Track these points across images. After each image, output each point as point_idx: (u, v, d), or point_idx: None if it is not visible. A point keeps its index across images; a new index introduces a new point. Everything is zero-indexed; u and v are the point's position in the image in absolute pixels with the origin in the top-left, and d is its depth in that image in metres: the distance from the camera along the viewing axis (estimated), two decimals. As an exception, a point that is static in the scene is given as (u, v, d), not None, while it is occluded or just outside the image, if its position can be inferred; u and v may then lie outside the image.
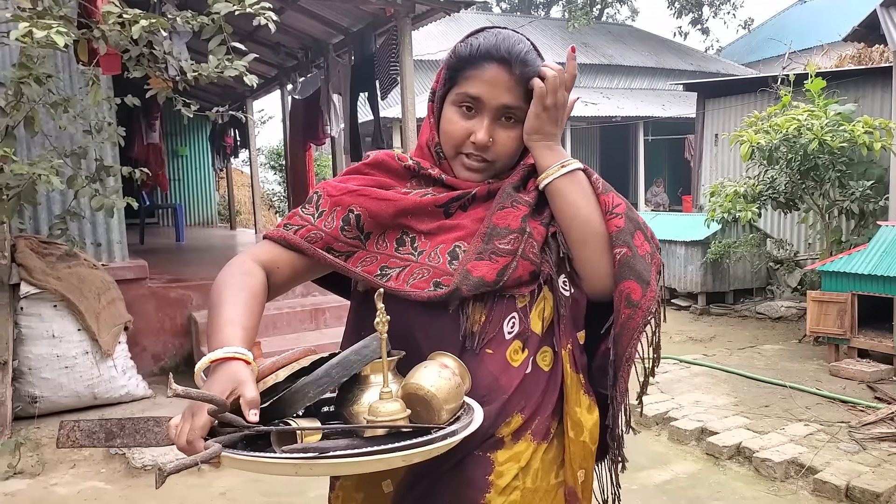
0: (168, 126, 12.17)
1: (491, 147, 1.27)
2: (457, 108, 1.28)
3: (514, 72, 1.24)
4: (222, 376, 1.04)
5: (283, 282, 1.33)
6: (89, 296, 4.76)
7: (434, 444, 1.00)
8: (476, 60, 1.26)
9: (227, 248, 9.79)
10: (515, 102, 1.26)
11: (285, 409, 1.06)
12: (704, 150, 10.57)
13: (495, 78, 1.25)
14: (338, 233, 1.28)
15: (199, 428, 0.99)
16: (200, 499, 3.66)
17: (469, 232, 1.27)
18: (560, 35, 21.41)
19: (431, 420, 1.06)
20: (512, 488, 1.22)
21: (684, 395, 4.90)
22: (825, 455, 3.76)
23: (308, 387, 1.05)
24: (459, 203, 1.30)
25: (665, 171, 19.88)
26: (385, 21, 6.81)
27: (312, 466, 0.94)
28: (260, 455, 0.96)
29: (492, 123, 1.26)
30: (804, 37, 17.24)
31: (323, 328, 6.03)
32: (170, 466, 0.89)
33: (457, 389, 1.09)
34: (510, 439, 1.23)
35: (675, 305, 8.46)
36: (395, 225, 1.28)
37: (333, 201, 1.30)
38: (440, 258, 1.25)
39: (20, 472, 3.97)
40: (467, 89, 1.26)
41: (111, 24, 3.40)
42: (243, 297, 1.21)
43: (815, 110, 6.16)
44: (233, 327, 1.15)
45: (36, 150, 4.77)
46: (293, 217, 1.33)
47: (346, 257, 1.28)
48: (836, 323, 5.44)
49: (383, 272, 1.25)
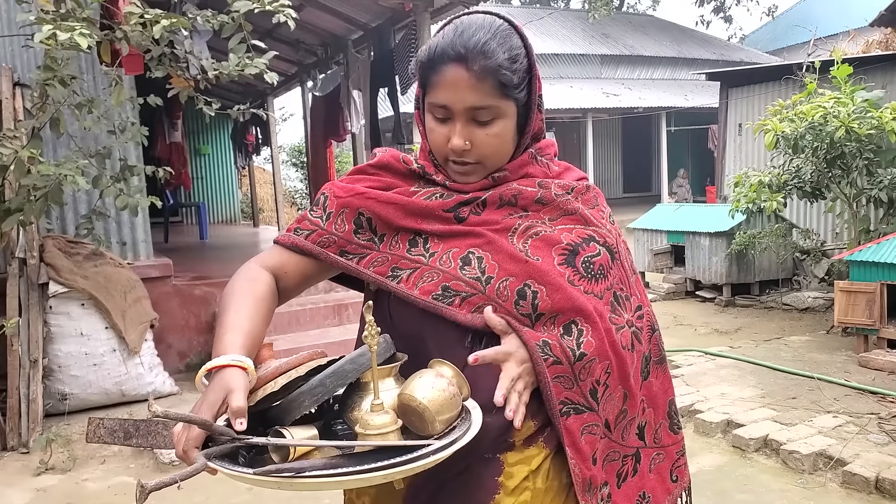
0: (190, 125, 12.29)
1: (471, 150, 1.23)
2: (433, 117, 1.24)
3: (472, 68, 1.17)
4: (216, 385, 1.07)
5: (293, 286, 1.33)
6: (116, 294, 4.83)
7: (417, 462, 1.00)
8: (435, 65, 1.20)
9: (251, 245, 9.87)
10: (482, 101, 1.19)
11: (282, 417, 1.08)
12: (728, 139, 10.46)
13: (455, 80, 1.18)
14: (351, 236, 1.28)
15: (192, 439, 1.02)
16: (226, 494, 3.70)
17: (486, 240, 1.23)
18: (580, 26, 21.27)
19: (425, 430, 1.05)
20: (522, 489, 1.20)
21: (710, 387, 4.86)
22: (854, 447, 3.71)
23: (303, 396, 1.07)
24: (470, 208, 1.27)
25: (688, 162, 19.71)
26: (404, 16, 6.81)
27: (293, 484, 0.97)
28: (240, 470, 0.98)
29: (465, 127, 1.21)
30: (830, 23, 16.98)
31: (346, 323, 6.06)
32: (151, 484, 0.94)
33: (452, 400, 1.07)
34: (521, 444, 1.21)
35: (700, 297, 8.38)
36: (406, 227, 1.27)
37: (341, 203, 1.29)
38: (452, 262, 1.22)
39: (52, 467, 4.04)
40: (434, 98, 1.22)
41: (133, 25, 3.44)
42: (246, 302, 1.22)
43: (841, 97, 6.06)
44: (232, 334, 1.16)
45: (61, 150, 4.84)
46: (302, 221, 1.32)
47: (358, 259, 1.27)
48: (864, 313, 5.36)
49: (394, 273, 1.24)
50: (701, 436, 4.21)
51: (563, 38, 20.36)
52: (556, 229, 1.26)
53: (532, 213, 1.28)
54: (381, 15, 7.15)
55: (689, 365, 5.45)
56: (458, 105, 1.19)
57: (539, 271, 1.20)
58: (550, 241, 1.24)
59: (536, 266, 1.21)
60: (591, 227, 1.29)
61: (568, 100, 17.16)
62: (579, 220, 1.29)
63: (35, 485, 3.88)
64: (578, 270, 1.23)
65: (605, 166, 20.62)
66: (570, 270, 1.22)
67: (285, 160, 19.85)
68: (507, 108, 1.22)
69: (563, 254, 1.23)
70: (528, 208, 1.28)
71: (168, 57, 3.80)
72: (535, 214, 1.28)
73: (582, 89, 18.41)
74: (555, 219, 1.28)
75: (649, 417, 1.31)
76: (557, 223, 1.27)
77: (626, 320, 1.26)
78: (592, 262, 1.25)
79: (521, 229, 1.25)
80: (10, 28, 5.00)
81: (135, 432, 0.99)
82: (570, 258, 1.23)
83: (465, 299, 1.20)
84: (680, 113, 18.00)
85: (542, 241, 1.24)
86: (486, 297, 1.19)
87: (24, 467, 4.09)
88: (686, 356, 5.74)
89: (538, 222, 1.27)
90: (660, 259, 8.98)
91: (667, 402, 1.35)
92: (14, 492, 3.80)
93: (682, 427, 1.40)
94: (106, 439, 1.03)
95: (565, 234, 1.26)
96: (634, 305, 1.30)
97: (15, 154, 3.38)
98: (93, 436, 1.01)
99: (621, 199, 19.79)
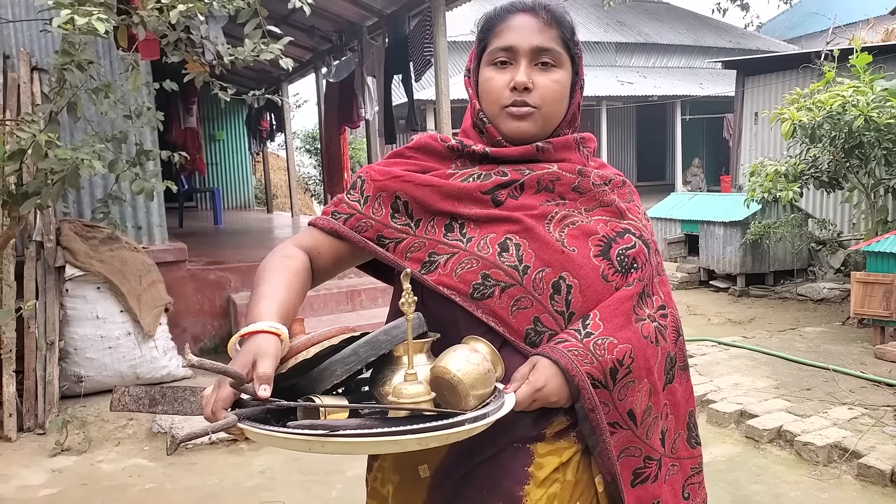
0: (205, 111, 12.32)
1: (532, 90, 1.25)
2: (492, 67, 1.27)
3: (541, 16, 1.25)
4: (247, 349, 1.04)
5: (327, 268, 1.32)
6: (131, 278, 4.86)
7: (451, 430, 0.96)
8: (502, 15, 1.27)
9: (264, 231, 9.90)
10: (549, 44, 1.25)
11: (313, 386, 1.06)
12: (744, 129, 10.37)
13: (523, 24, 1.25)
14: (388, 220, 1.26)
15: (222, 399, 0.99)
16: (240, 477, 3.73)
17: (524, 227, 1.22)
18: (596, 14, 21.10)
19: (458, 405, 1.03)
20: (552, 480, 1.19)
21: (723, 377, 4.85)
22: (870, 439, 3.69)
23: (335, 364, 1.06)
24: (508, 191, 1.26)
25: (703, 151, 19.58)
26: (419, 2, 6.78)
27: (324, 444, 0.93)
28: (272, 429, 0.95)
29: (529, 67, 1.25)
30: (849, 11, 16.73)
31: (359, 309, 6.08)
32: (182, 434, 0.91)
33: (486, 376, 1.05)
34: (552, 437, 1.20)
35: (714, 287, 8.34)
36: (442, 211, 1.25)
37: (378, 186, 1.29)
38: (489, 248, 1.21)
39: (67, 449, 4.09)
40: (498, 43, 1.26)
41: (150, 10, 3.43)
42: (282, 274, 1.21)
43: (860, 86, 5.98)
44: (267, 301, 1.15)
45: (78, 135, 4.86)
46: (339, 204, 1.31)
47: (395, 244, 1.26)
48: (881, 304, 5.32)
49: (431, 259, 1.23)
50: (714, 426, 4.20)
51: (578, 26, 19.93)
52: (593, 220, 1.27)
53: (569, 202, 1.28)
54: (397, 1, 7.13)
55: (703, 355, 5.43)
56: (525, 44, 1.24)
57: (574, 263, 1.21)
58: (587, 232, 1.24)
59: (572, 258, 1.21)
60: (626, 221, 1.29)
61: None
62: (615, 213, 1.29)
63: (51, 465, 3.93)
64: (613, 263, 1.23)
65: (620, 154, 20.49)
66: (604, 263, 1.22)
67: (299, 146, 19.88)
68: (565, 62, 1.28)
69: (599, 245, 1.24)
70: (566, 196, 1.28)
71: (184, 42, 3.79)
72: (572, 203, 1.28)
73: (596, 77, 18.27)
74: (591, 209, 1.28)
75: (671, 425, 1.29)
76: (594, 214, 1.28)
77: (648, 315, 1.25)
78: (627, 255, 1.25)
79: (558, 218, 1.25)
80: (28, 13, 5.01)
81: (161, 399, 1.01)
82: (605, 250, 1.24)
83: (504, 290, 1.19)
84: (695, 101, 17.85)
85: (579, 231, 1.24)
86: (524, 288, 1.18)
87: (40, 448, 4.14)
88: (699, 346, 5.72)
89: (574, 211, 1.27)
90: (674, 248, 8.94)
91: (687, 413, 1.33)
92: (30, 472, 3.85)
93: (700, 443, 1.35)
94: (131, 406, 1.05)
95: (601, 225, 1.26)
96: (657, 304, 1.28)
97: (33, 138, 3.39)
98: (117, 404, 1.04)
99: (635, 187, 19.61)
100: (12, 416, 4.28)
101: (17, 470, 3.88)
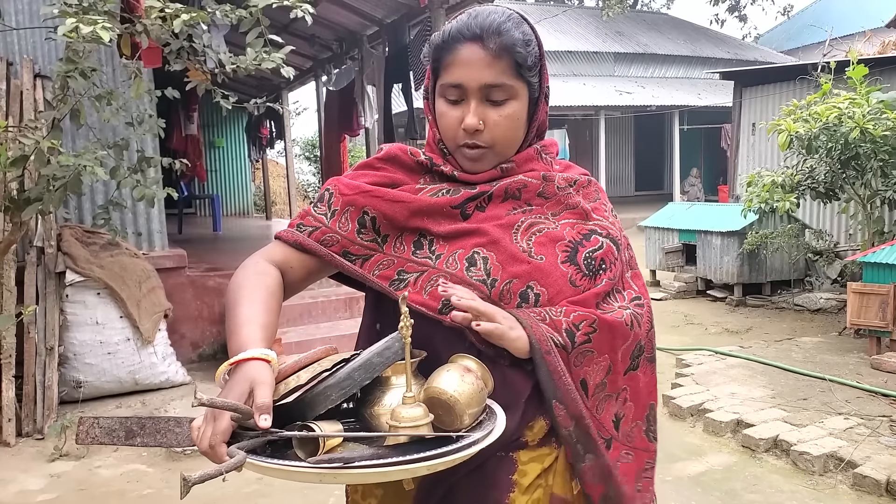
0: (205, 118, 12.36)
1: (484, 131, 1.22)
2: (445, 100, 1.23)
3: (488, 46, 1.18)
4: (240, 377, 1.03)
5: (298, 281, 1.30)
6: (131, 284, 4.88)
7: (458, 454, 0.98)
8: (449, 45, 1.20)
9: (263, 237, 9.91)
10: (498, 79, 1.19)
11: (307, 412, 1.04)
12: (741, 139, 10.42)
13: (470, 58, 1.19)
14: (354, 236, 1.25)
15: (220, 433, 0.97)
16: (238, 483, 3.74)
17: (490, 239, 1.21)
18: (595, 24, 21.20)
19: (453, 424, 1.04)
20: (535, 486, 1.20)
21: (720, 386, 4.86)
22: (865, 449, 3.71)
23: (330, 389, 1.04)
24: (476, 203, 1.26)
25: (701, 161, 19.64)
26: (419, 12, 6.83)
27: (337, 475, 0.93)
28: (285, 463, 0.95)
29: (479, 106, 1.21)
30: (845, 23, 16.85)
31: (357, 317, 6.05)
32: (195, 477, 0.89)
33: (479, 394, 1.06)
34: (534, 443, 1.21)
35: (711, 296, 8.37)
36: (411, 227, 1.24)
37: (346, 200, 1.26)
38: (458, 264, 1.20)
39: (65, 454, 4.10)
40: (448, 78, 1.21)
41: (153, 19, 3.47)
42: (260, 295, 1.19)
43: (856, 98, 6.02)
44: (251, 326, 1.13)
45: (80, 142, 4.88)
46: (306, 217, 1.29)
47: (363, 261, 1.25)
48: (877, 315, 5.34)
49: (400, 277, 1.22)
50: (710, 435, 4.22)
51: (576, 36, 20.31)
52: (559, 224, 1.27)
53: (536, 208, 1.28)
54: (397, 10, 7.18)
55: (700, 364, 5.45)
56: (473, 83, 1.19)
57: (542, 272, 1.21)
58: (554, 238, 1.25)
59: (539, 266, 1.21)
60: (591, 222, 1.30)
61: (581, 97, 17.13)
62: (581, 215, 1.30)
63: (49, 471, 3.93)
64: (581, 268, 1.24)
65: (617, 164, 20.57)
66: (572, 269, 1.23)
67: (298, 154, 19.93)
68: (520, 90, 1.23)
69: (566, 251, 1.24)
70: (532, 202, 1.28)
71: (186, 51, 3.83)
72: (539, 209, 1.28)
73: (595, 87, 18.36)
74: (557, 213, 1.29)
75: (629, 412, 1.27)
76: (560, 218, 1.28)
77: (620, 306, 1.26)
78: (594, 258, 1.25)
79: (525, 226, 1.25)
80: (32, 20, 5.05)
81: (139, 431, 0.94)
82: (573, 255, 1.24)
83: None
84: (693, 112, 17.93)
85: (546, 238, 1.25)
86: (492, 300, 1.18)
87: (38, 453, 4.15)
88: (696, 355, 5.74)
89: (541, 217, 1.27)
90: (671, 257, 8.97)
91: (648, 405, 1.31)
92: (29, 477, 3.85)
93: (657, 440, 1.33)
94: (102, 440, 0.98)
95: (567, 229, 1.27)
96: (630, 297, 1.29)
97: (36, 144, 3.41)
98: (85, 437, 0.96)
99: (633, 196, 19.74)
100: (11, 421, 4.28)
101: (16, 475, 3.88)
